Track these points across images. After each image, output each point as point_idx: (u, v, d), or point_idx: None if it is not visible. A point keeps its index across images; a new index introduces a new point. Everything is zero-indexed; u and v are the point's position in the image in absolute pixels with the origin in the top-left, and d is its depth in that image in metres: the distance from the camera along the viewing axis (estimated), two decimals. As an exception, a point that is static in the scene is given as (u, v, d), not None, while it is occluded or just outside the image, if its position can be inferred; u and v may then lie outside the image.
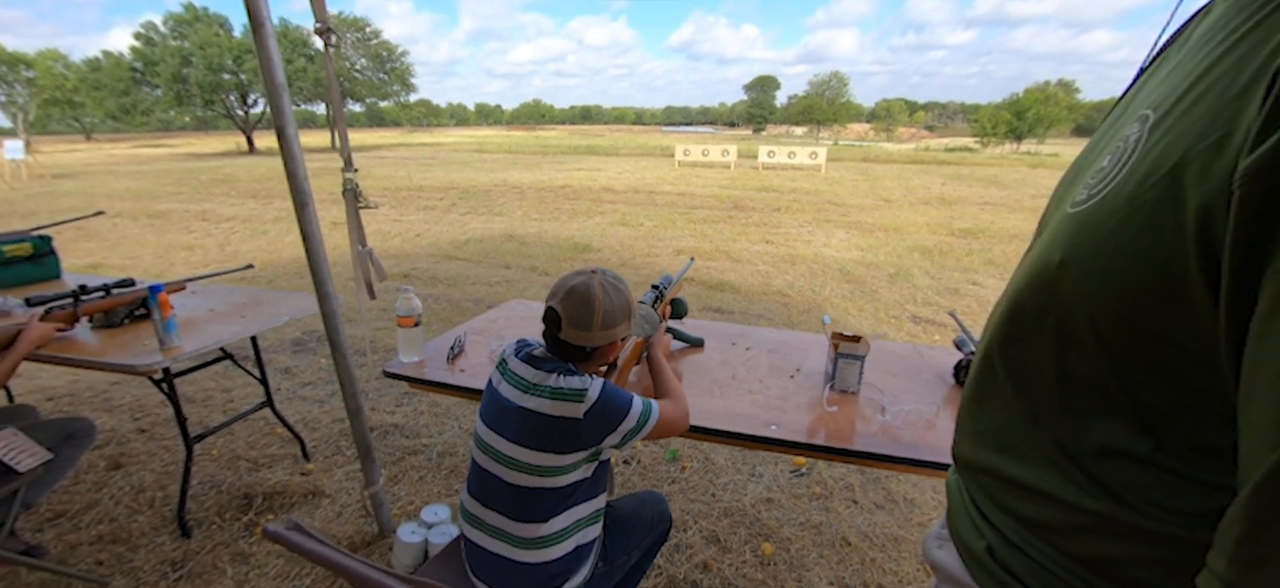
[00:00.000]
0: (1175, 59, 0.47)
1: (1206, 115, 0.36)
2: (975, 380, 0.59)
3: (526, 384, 1.06)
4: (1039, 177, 17.30)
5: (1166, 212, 0.36)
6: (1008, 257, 6.59)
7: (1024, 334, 0.50)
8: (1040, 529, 0.50)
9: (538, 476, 1.05)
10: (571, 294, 1.08)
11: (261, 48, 1.35)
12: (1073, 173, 0.56)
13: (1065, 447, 0.48)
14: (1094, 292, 0.42)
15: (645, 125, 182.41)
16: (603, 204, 10.34)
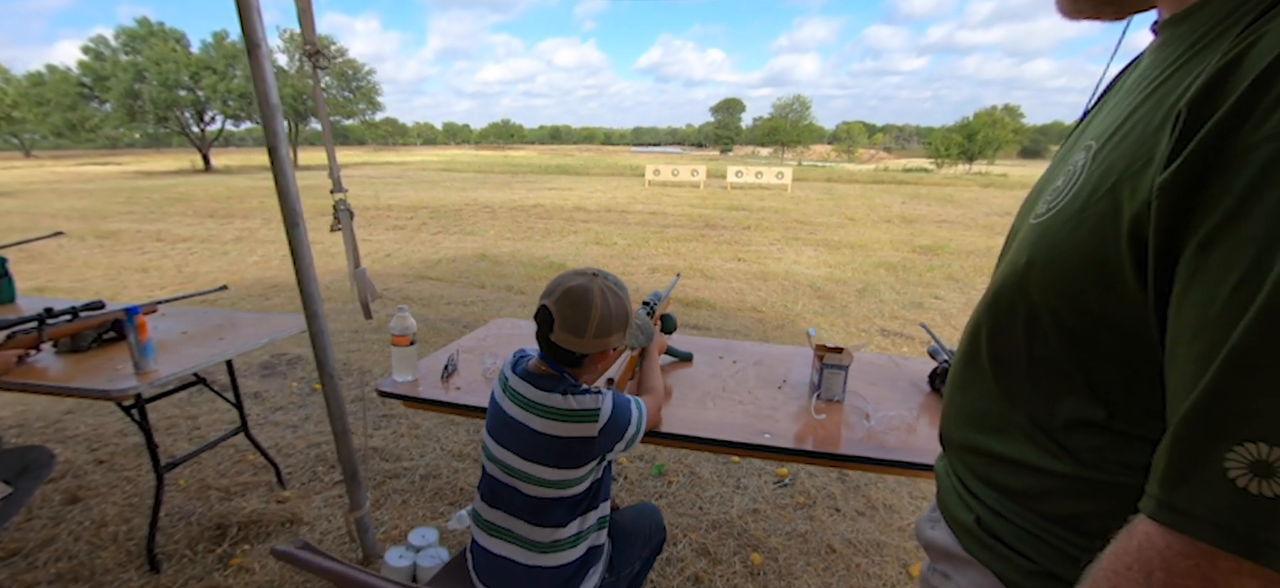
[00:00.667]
0: (1113, 101, 0.57)
1: (1134, 146, 0.45)
2: (959, 370, 0.67)
3: (530, 403, 1.06)
4: (990, 196, 18.18)
5: (1107, 222, 0.45)
6: (967, 272, 6.90)
7: (1001, 326, 0.59)
8: (1020, 497, 0.57)
9: (554, 488, 1.07)
10: (568, 295, 1.04)
11: (256, 67, 1.35)
12: (1035, 191, 0.65)
13: (1038, 422, 0.56)
14: (1052, 285, 0.50)
15: (614, 145, 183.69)
16: (576, 223, 10.37)
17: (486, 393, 1.46)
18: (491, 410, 1.14)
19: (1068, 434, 0.53)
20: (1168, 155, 0.40)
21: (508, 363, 1.15)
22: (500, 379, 1.14)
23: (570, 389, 1.06)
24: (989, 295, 0.62)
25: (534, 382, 1.08)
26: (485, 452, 1.15)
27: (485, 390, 1.50)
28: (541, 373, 1.09)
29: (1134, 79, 0.54)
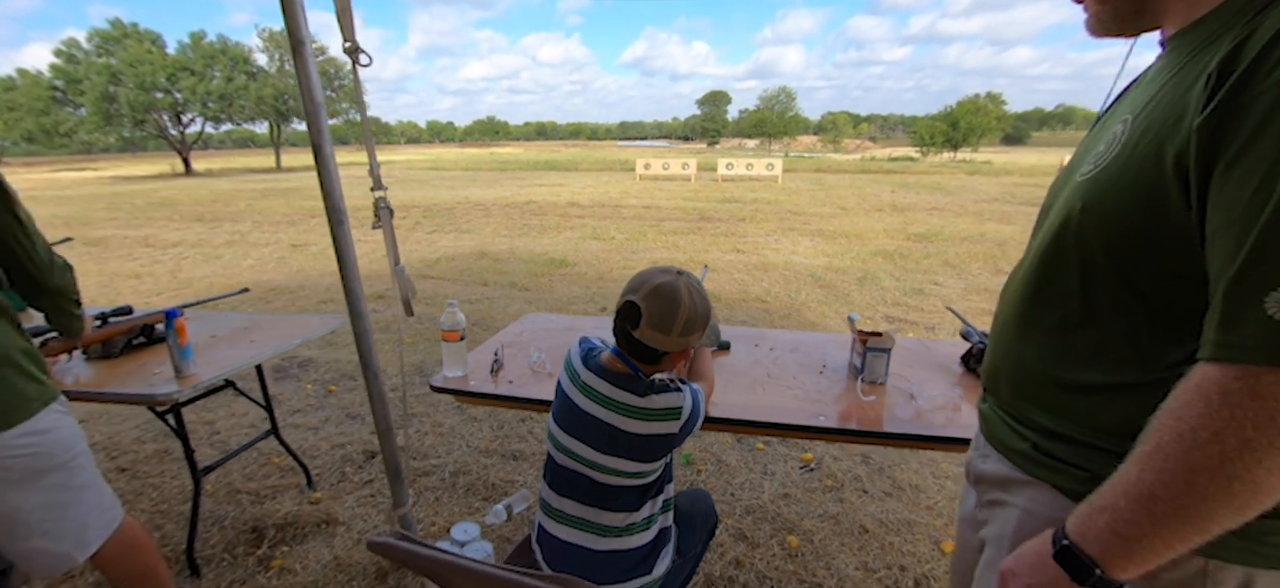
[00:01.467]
0: (1136, 89, 0.71)
1: (1166, 109, 0.58)
2: (1013, 320, 0.77)
3: (607, 400, 1.06)
4: (977, 183, 18.40)
5: (1150, 162, 0.57)
6: (962, 258, 7.00)
7: (1056, 269, 0.69)
8: (1076, 414, 0.68)
9: (629, 477, 1.09)
10: (657, 293, 1.03)
11: (301, 64, 1.34)
12: (1072, 165, 0.76)
13: (1091, 343, 0.66)
14: (1109, 215, 0.62)
15: (601, 140, 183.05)
16: (571, 219, 10.34)
17: (535, 386, 1.48)
18: (560, 401, 1.15)
19: (1118, 347, 0.64)
20: (1202, 105, 0.52)
21: (576, 355, 1.15)
22: (569, 372, 1.15)
23: (651, 388, 1.06)
24: (1040, 248, 0.72)
25: (611, 379, 1.08)
26: (553, 441, 1.16)
27: (533, 384, 1.51)
28: (618, 370, 1.09)
29: (1154, 72, 0.68)
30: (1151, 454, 0.54)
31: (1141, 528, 0.54)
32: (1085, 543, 0.59)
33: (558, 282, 5.84)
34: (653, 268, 1.09)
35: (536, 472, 2.39)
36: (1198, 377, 0.53)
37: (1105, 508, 0.58)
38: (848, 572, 1.84)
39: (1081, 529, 0.60)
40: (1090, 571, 0.58)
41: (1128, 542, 0.56)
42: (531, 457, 2.50)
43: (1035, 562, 0.64)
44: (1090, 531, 0.59)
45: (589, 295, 5.29)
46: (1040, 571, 0.63)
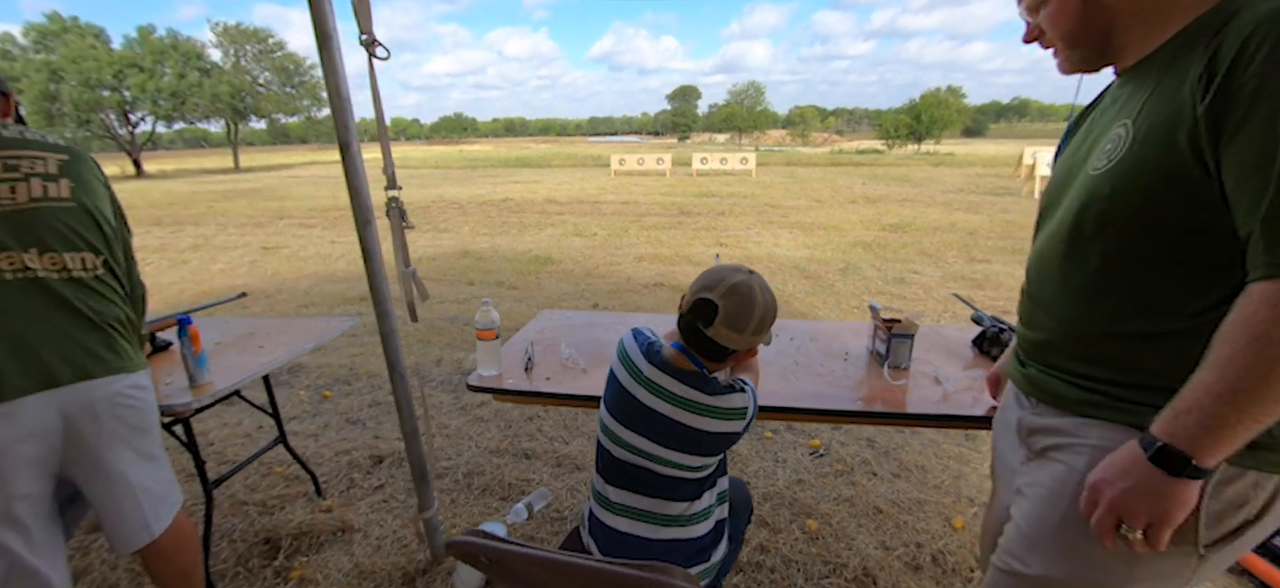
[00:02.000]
0: (1115, 103, 0.84)
1: (1166, 107, 0.71)
2: (1061, 293, 0.86)
3: (674, 397, 1.06)
4: (942, 174, 18.97)
5: (1165, 148, 0.71)
6: (938, 247, 7.22)
7: (1092, 247, 0.81)
8: (1131, 362, 0.79)
9: (691, 470, 1.10)
10: (734, 292, 1.03)
11: (327, 60, 1.31)
12: (1074, 162, 0.89)
13: (1136, 301, 0.78)
14: (1136, 194, 0.74)
15: (571, 136, 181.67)
16: (550, 216, 10.26)
17: (571, 382, 1.48)
18: (617, 395, 1.15)
19: (1158, 301, 0.75)
20: (1200, 97, 0.66)
21: (635, 350, 1.15)
22: (628, 366, 1.14)
23: (717, 389, 1.07)
24: (1071, 233, 0.83)
25: (678, 376, 1.08)
26: (608, 434, 1.16)
27: (569, 379, 1.50)
28: (684, 367, 1.09)
29: (1120, 90, 0.84)
30: (1230, 358, 0.65)
31: (1227, 419, 0.65)
32: (1177, 441, 0.68)
33: (545, 279, 5.79)
34: (724, 266, 1.10)
35: (550, 469, 2.39)
36: (1257, 293, 0.64)
37: (1191, 409, 0.68)
38: (869, 551, 1.90)
39: (1171, 430, 0.69)
40: (1186, 463, 0.68)
41: (1214, 433, 0.66)
42: (543, 455, 2.49)
43: (1127, 466, 0.73)
44: (1180, 430, 0.68)
45: (579, 293, 5.27)
46: (1133, 473, 0.72)
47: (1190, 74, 0.68)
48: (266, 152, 60.31)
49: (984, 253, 6.91)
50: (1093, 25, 0.81)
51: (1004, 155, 28.37)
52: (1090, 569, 0.83)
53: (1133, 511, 0.72)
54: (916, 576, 1.81)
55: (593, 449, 2.57)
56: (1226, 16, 0.68)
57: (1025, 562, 0.88)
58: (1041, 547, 0.86)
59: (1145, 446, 0.71)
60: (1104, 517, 0.75)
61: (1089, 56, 0.85)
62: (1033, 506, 0.89)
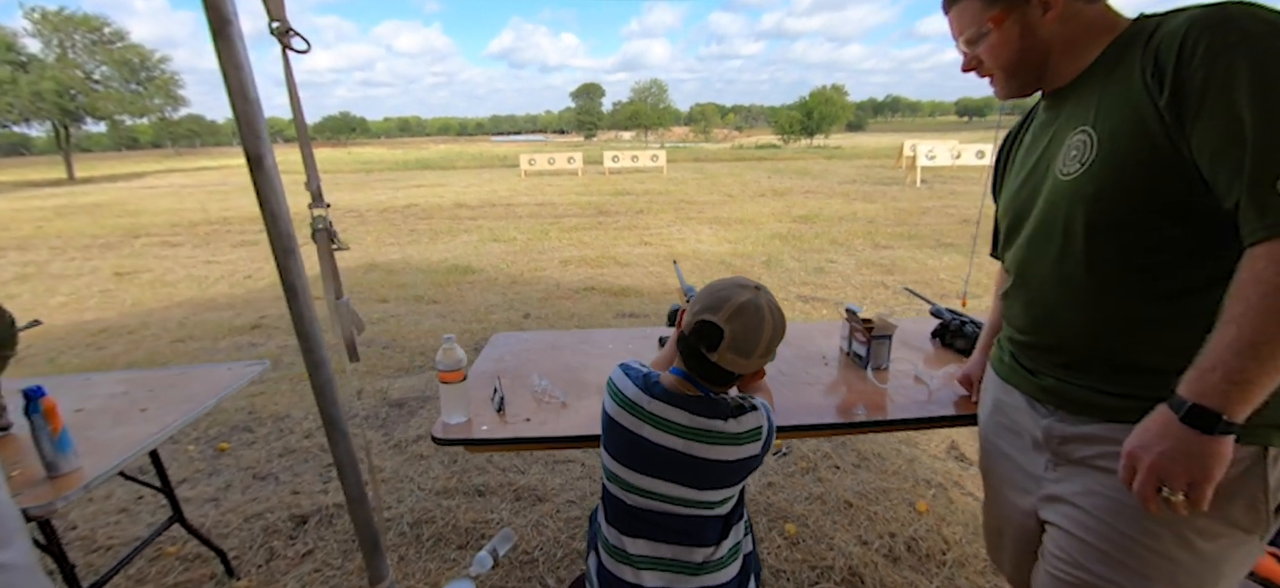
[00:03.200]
0: (1052, 116, 0.93)
1: (1123, 107, 0.79)
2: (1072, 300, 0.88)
3: (686, 430, 0.96)
4: (836, 166, 20.40)
5: (1141, 140, 0.77)
6: (847, 236, 7.69)
7: (1077, 248, 0.85)
8: (1155, 348, 0.82)
9: (717, 507, 0.99)
10: (741, 313, 0.95)
11: (229, 53, 1.04)
12: (1026, 183, 0.97)
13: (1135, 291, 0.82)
14: (1123, 188, 0.79)
15: (472, 136, 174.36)
16: (462, 221, 9.71)
17: (554, 420, 1.31)
18: (620, 438, 1.02)
19: (1164, 283, 0.80)
20: (1157, 94, 0.74)
21: (630, 385, 1.02)
22: (625, 404, 1.01)
23: (728, 411, 0.98)
24: (1057, 238, 0.87)
25: (683, 404, 0.97)
26: (618, 482, 1.03)
27: (551, 417, 1.33)
28: (691, 395, 0.99)
29: (1069, 105, 0.89)
30: (1244, 314, 0.68)
31: (1249, 373, 0.68)
32: (1206, 400, 0.70)
33: (468, 291, 5.43)
34: (727, 282, 1.00)
35: (509, 506, 2.18)
36: (1261, 253, 0.69)
37: (1216, 367, 0.70)
38: (849, 549, 1.90)
39: (1199, 390, 0.71)
40: (1217, 419, 0.70)
41: (1241, 386, 0.68)
42: (498, 490, 2.27)
43: (1161, 430, 0.74)
44: (1207, 388, 0.70)
45: (507, 303, 4.98)
46: (1167, 436, 0.73)
47: (1134, 77, 0.77)
48: (109, 159, 51.62)
49: (886, 240, 7.46)
50: (1031, 57, 0.89)
51: (885, 147, 31.08)
52: (1181, 576, 0.83)
53: (1172, 473, 0.73)
54: (897, 566, 1.84)
55: (553, 475, 2.39)
56: (1147, 31, 0.79)
57: (1106, 577, 0.87)
58: (1128, 564, 0.85)
59: (1176, 407, 0.73)
60: (1145, 483, 0.75)
61: (1027, 83, 0.93)
62: (1099, 519, 0.88)
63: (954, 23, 0.94)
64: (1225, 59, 0.69)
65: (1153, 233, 0.79)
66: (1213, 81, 0.69)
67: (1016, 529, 1.07)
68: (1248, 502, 0.79)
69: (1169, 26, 0.75)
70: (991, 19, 0.88)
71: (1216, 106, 0.69)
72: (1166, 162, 0.75)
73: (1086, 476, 0.90)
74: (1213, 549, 0.81)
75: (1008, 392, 1.06)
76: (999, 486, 1.12)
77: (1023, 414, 1.02)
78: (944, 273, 5.72)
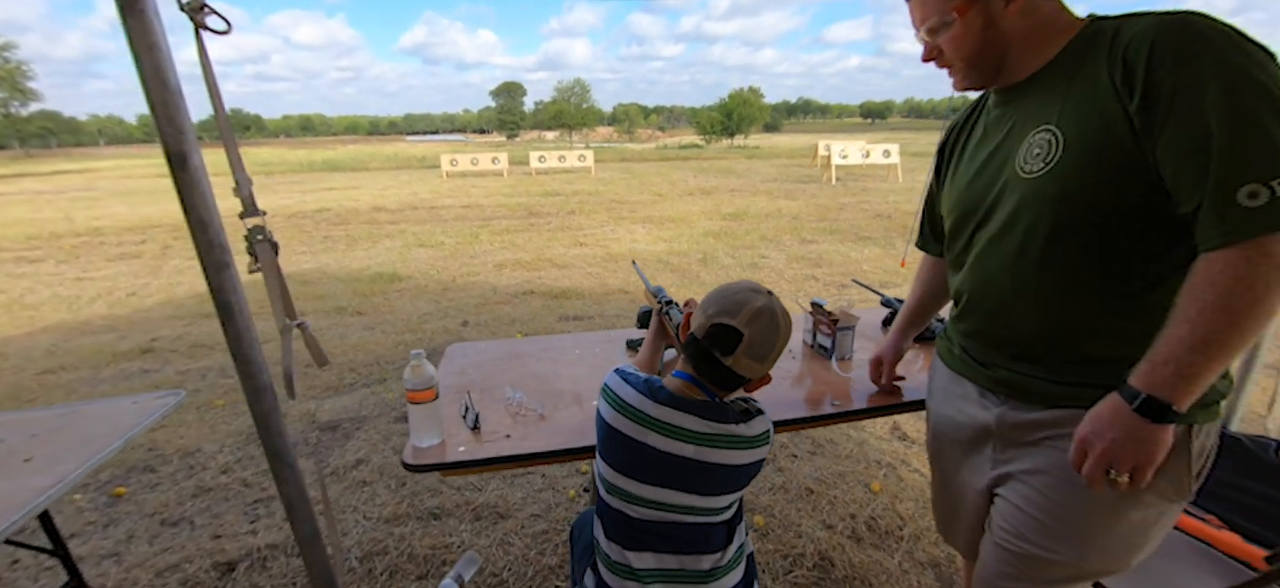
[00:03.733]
0: (1010, 111, 0.94)
1: (1089, 108, 0.81)
2: (1037, 293, 0.90)
3: (697, 435, 0.94)
4: (757, 165, 21.19)
5: (1102, 138, 0.79)
6: (775, 232, 8.01)
7: (1039, 246, 0.87)
8: (1112, 337, 0.86)
9: (723, 512, 0.97)
10: (759, 318, 0.93)
11: (139, 33, 0.88)
12: (982, 176, 0.97)
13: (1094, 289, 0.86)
14: (1089, 186, 0.81)
15: (384, 135, 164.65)
16: (382, 226, 9.13)
17: (537, 435, 1.24)
18: (623, 448, 0.97)
19: (1127, 274, 0.83)
20: (1128, 98, 0.77)
21: (632, 392, 0.98)
22: (628, 412, 0.97)
23: (734, 416, 0.96)
24: (1018, 234, 0.89)
25: (694, 411, 0.94)
26: (621, 495, 0.98)
27: (533, 432, 1.25)
28: (698, 399, 0.96)
29: (1029, 103, 0.90)
30: (1200, 315, 0.73)
31: (1199, 368, 0.73)
32: (1158, 391, 0.75)
33: (397, 300, 5.10)
34: (738, 286, 0.98)
35: (469, 526, 2.05)
36: (1218, 259, 0.72)
37: (1168, 361, 0.75)
38: (816, 534, 1.96)
39: (1151, 382, 0.76)
40: (1167, 409, 0.75)
41: (1190, 380, 0.74)
42: (454, 510, 2.14)
43: (1113, 418, 0.79)
44: (1159, 380, 0.75)
45: (442, 311, 4.72)
46: (1119, 424, 0.78)
47: (1101, 79, 0.79)
48: (-69, 162, 43.63)
49: (811, 235, 7.84)
50: (992, 49, 0.89)
51: (800, 146, 32.76)
52: (1112, 542, 0.91)
53: (1121, 457, 0.78)
54: (861, 546, 1.92)
55: (513, 491, 2.28)
56: (1107, 33, 0.81)
57: (1047, 547, 0.93)
58: (1067, 535, 0.92)
59: (1129, 397, 0.78)
60: (1095, 467, 0.80)
61: (986, 75, 0.93)
62: (1043, 495, 0.94)
63: (915, 11, 0.93)
64: (1194, 68, 0.71)
65: (1110, 234, 0.82)
66: (1182, 90, 0.72)
67: (971, 511, 1.12)
68: (1175, 476, 0.86)
69: (1133, 31, 0.77)
70: (956, 8, 0.87)
71: (1186, 115, 0.72)
72: (1131, 165, 0.77)
73: (1033, 454, 0.95)
74: (1141, 518, 0.89)
75: (957, 382, 1.09)
76: (952, 471, 1.15)
77: (973, 404, 1.05)
78: (867, 265, 6.09)
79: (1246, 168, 0.69)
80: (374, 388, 3.27)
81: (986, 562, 1.05)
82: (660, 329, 1.44)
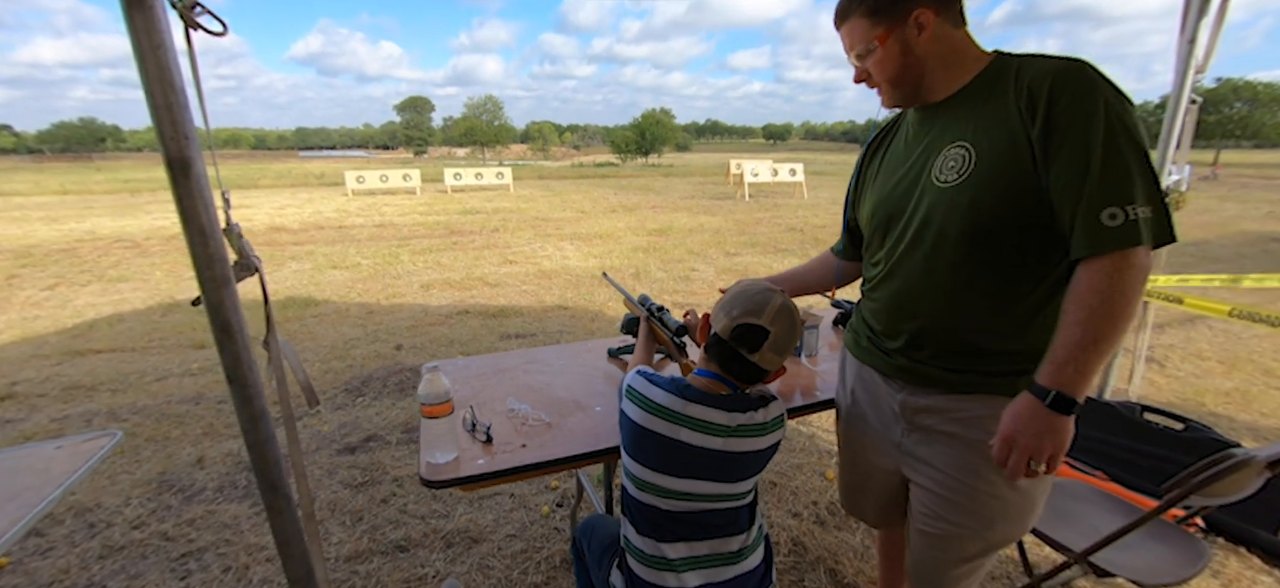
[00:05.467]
0: (925, 128, 1.05)
1: (999, 125, 0.93)
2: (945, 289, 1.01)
3: (726, 429, 1.01)
4: (674, 183, 21.86)
5: (1009, 157, 0.92)
6: (701, 246, 8.33)
7: (947, 248, 0.99)
8: (999, 334, 0.99)
9: (746, 496, 1.05)
10: (781, 315, 1.02)
11: (146, 28, 0.82)
12: (898, 184, 1.08)
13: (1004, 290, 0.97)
14: (999, 198, 0.93)
15: (273, 150, 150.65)
16: (283, 248, 8.39)
17: (550, 442, 1.25)
18: (653, 445, 1.02)
19: (1018, 281, 0.96)
20: (1030, 124, 0.89)
21: (660, 393, 1.03)
22: (659, 412, 1.02)
23: (754, 403, 1.04)
24: (929, 237, 1.00)
25: (722, 405, 1.01)
26: (650, 489, 1.02)
27: (547, 439, 1.26)
28: (723, 394, 1.04)
29: (943, 121, 1.01)
30: (1088, 318, 0.85)
31: (1093, 363, 0.85)
32: (1065, 388, 0.86)
33: (315, 326, 4.72)
34: (756, 287, 1.07)
35: (442, 555, 1.96)
36: (1095, 266, 0.86)
37: (1068, 361, 0.86)
38: (786, 523, 2.09)
39: (1058, 380, 0.87)
40: (1073, 402, 0.86)
41: (1086, 375, 0.86)
42: (422, 541, 2.04)
43: (1031, 415, 0.89)
44: (1064, 378, 0.86)
45: (370, 335, 4.44)
46: (1037, 419, 0.88)
47: (1009, 105, 0.92)
48: None
49: (734, 248, 8.25)
50: (911, 72, 1.01)
51: (712, 164, 34.26)
52: (1011, 511, 1.07)
53: (1041, 449, 0.89)
54: (826, 530, 2.07)
55: (482, 513, 2.20)
56: (1012, 68, 0.94)
57: (961, 524, 1.08)
58: (975, 511, 1.07)
59: (1041, 395, 0.88)
60: (1020, 462, 0.91)
61: (908, 95, 1.05)
62: (952, 476, 1.08)
63: (846, 38, 1.04)
64: (1087, 106, 0.84)
65: (1010, 242, 0.93)
66: (1076, 123, 0.85)
67: (880, 486, 1.28)
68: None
69: (1036, 69, 0.90)
70: (877, 36, 0.98)
71: (1076, 144, 0.85)
72: (1028, 182, 0.90)
73: (937, 443, 1.09)
74: (1030, 486, 1.05)
75: (865, 370, 1.21)
76: (861, 451, 1.28)
77: (879, 389, 1.17)
78: (789, 274, 6.52)
79: (1110, 194, 0.83)
80: (305, 420, 3.02)
81: (915, 549, 1.19)
82: (651, 335, 1.50)
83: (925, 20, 0.96)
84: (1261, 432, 2.88)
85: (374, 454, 2.63)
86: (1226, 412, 3.11)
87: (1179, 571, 1.38)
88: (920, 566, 1.18)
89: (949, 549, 1.12)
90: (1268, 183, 21.72)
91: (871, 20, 0.99)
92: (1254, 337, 4.32)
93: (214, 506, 2.27)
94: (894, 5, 0.97)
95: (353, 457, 2.62)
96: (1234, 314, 2.26)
